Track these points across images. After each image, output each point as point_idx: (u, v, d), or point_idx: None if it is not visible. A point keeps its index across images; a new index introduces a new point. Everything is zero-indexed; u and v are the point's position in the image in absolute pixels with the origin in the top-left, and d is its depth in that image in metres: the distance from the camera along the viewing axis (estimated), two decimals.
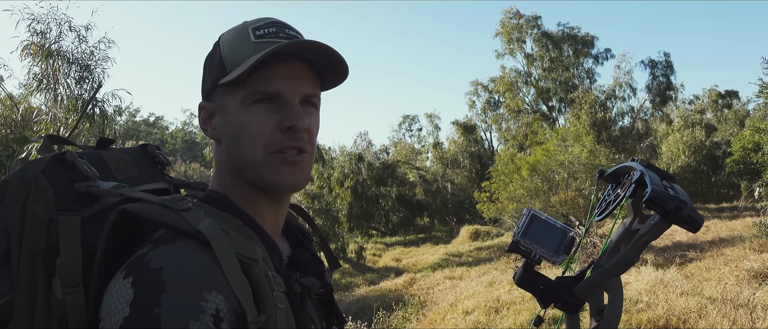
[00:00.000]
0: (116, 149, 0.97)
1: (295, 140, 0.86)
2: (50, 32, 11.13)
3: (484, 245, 19.08)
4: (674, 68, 25.61)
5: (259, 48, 0.84)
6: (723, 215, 17.74)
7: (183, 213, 0.76)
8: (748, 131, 17.62)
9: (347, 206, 24.34)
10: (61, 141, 1.04)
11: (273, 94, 0.84)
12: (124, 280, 0.70)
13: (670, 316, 7.03)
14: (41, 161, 0.84)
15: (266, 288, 0.74)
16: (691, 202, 0.98)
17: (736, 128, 27.33)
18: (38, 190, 0.80)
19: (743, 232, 12.95)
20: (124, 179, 0.92)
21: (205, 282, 0.70)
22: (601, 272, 1.03)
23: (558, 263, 1.07)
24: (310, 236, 1.03)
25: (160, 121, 65.92)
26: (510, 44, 28.31)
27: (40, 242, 0.78)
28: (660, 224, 0.98)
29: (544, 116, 28.20)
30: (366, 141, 29.93)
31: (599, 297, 1.04)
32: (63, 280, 0.76)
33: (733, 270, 9.36)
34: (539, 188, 16.29)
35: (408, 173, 29.06)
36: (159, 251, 0.73)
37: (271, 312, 0.73)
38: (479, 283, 10.86)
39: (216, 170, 0.92)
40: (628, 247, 1.01)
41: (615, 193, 1.12)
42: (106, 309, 0.70)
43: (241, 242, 0.76)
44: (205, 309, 0.67)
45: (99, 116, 11.48)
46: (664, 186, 1.00)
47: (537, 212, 1.10)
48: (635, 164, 1.08)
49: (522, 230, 1.09)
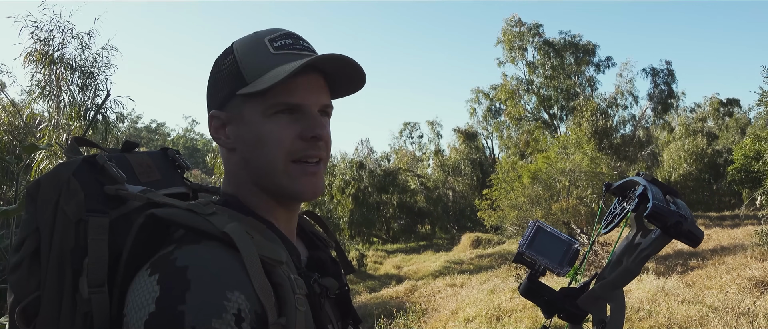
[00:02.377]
0: (140, 153, 0.99)
1: (315, 149, 0.88)
2: (53, 39, 11.17)
3: (485, 252, 19.03)
4: (676, 76, 25.66)
5: (279, 60, 0.86)
6: (724, 223, 17.68)
7: (209, 217, 0.78)
8: (749, 140, 17.61)
9: (348, 213, 24.32)
10: (88, 143, 1.06)
11: (294, 105, 0.86)
12: (150, 277, 0.72)
13: (671, 324, 7.01)
14: (72, 163, 0.86)
15: (288, 291, 0.75)
16: (693, 217, 1.00)
17: (738, 137, 27.30)
18: (70, 191, 0.83)
19: (745, 240, 12.91)
20: (147, 182, 0.94)
21: (229, 281, 0.72)
22: (604, 284, 1.05)
23: (562, 274, 1.09)
24: (325, 241, 1.04)
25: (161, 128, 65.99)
26: (511, 52, 28.35)
27: (69, 242, 0.80)
28: (661, 239, 1.00)
29: (546, 124, 28.21)
30: (367, 148, 29.92)
31: (602, 309, 1.06)
32: (89, 279, 0.78)
33: (734, 278, 9.34)
34: (540, 195, 16.29)
35: (409, 180, 29.03)
36: (184, 250, 0.75)
37: (291, 315, 0.74)
38: (480, 291, 10.83)
39: (227, 178, 0.93)
40: (630, 260, 1.03)
41: (621, 206, 1.14)
42: (132, 305, 0.72)
43: (265, 244, 0.78)
44: (227, 309, 0.69)
45: (102, 123, 11.51)
46: (667, 201, 1.02)
47: (542, 224, 1.11)
48: (639, 179, 1.10)
49: (527, 242, 1.10)
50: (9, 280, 0.84)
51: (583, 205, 15.30)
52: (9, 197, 10.47)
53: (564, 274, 1.09)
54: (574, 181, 16.48)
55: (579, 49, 27.11)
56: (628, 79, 25.80)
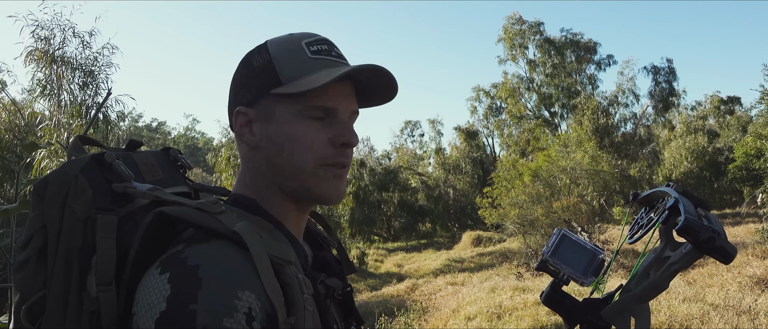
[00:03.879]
0: (144, 152, 0.99)
1: (344, 156, 0.89)
2: (54, 38, 11.18)
3: (486, 250, 19.04)
4: (677, 74, 25.64)
5: (317, 65, 0.87)
6: (726, 221, 17.69)
7: (218, 216, 0.78)
8: (750, 138, 17.61)
9: (349, 211, 24.32)
10: (92, 142, 1.05)
11: (329, 109, 0.87)
12: (160, 275, 0.72)
13: (672, 322, 7.02)
14: (80, 160, 0.86)
15: (297, 291, 0.75)
16: (725, 232, 0.97)
17: (739, 134, 27.27)
18: (78, 189, 0.82)
19: (746, 238, 12.92)
20: (152, 181, 0.94)
21: (240, 281, 0.71)
22: (629, 297, 1.02)
23: (586, 284, 1.06)
24: (327, 241, 1.04)
25: (162, 126, 66.07)
26: (512, 50, 28.35)
27: (77, 240, 0.80)
28: (691, 254, 0.97)
29: (547, 122, 28.19)
30: (368, 147, 29.88)
31: (626, 321, 1.02)
32: (97, 278, 0.77)
33: (735, 276, 9.34)
34: (541, 193, 16.26)
35: (410, 178, 29.02)
36: (195, 249, 0.74)
37: (300, 314, 0.74)
38: (481, 289, 10.84)
39: (245, 175, 0.92)
40: (658, 274, 1.00)
41: (647, 217, 1.10)
42: (142, 303, 0.71)
43: (274, 244, 0.78)
44: (238, 308, 0.69)
45: (102, 122, 11.52)
46: (699, 215, 0.99)
47: (567, 232, 1.09)
48: (670, 190, 1.07)
49: (551, 250, 1.08)
50: (14, 278, 0.83)
51: (584, 203, 15.29)
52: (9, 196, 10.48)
53: (588, 284, 1.06)
54: (575, 179, 16.47)
55: (580, 47, 27.11)
56: (629, 77, 25.82)
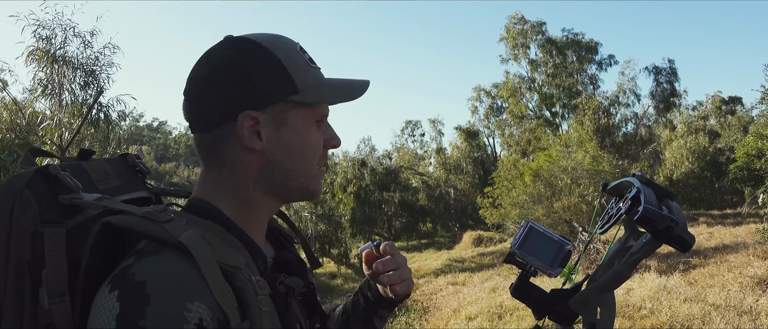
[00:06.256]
0: (97, 160, 0.99)
1: (327, 156, 0.99)
2: (55, 38, 11.18)
3: (487, 250, 19.04)
4: (678, 75, 25.64)
5: (317, 73, 0.93)
6: (726, 221, 17.67)
7: (165, 224, 0.77)
8: (751, 138, 17.56)
9: (350, 211, 24.35)
10: (42, 154, 1.06)
11: (326, 115, 0.96)
12: (109, 294, 0.72)
13: (673, 323, 7.01)
14: (25, 174, 0.86)
15: (251, 294, 0.76)
16: (685, 221, 0.98)
17: (740, 135, 27.25)
18: (23, 203, 0.82)
19: (747, 238, 12.91)
20: (105, 189, 0.94)
21: (188, 292, 0.72)
22: (594, 287, 1.04)
23: (553, 275, 1.08)
24: (291, 238, 1.05)
25: (163, 126, 66.11)
26: (514, 50, 28.33)
27: (26, 254, 0.80)
28: (651, 243, 0.99)
29: (548, 122, 28.16)
30: (369, 147, 29.98)
31: (593, 311, 1.04)
32: (49, 290, 0.78)
33: (736, 276, 9.33)
34: (542, 193, 16.25)
35: (411, 178, 29.04)
36: (143, 263, 0.75)
37: (255, 317, 0.75)
38: (482, 289, 10.85)
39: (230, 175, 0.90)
40: (621, 263, 1.02)
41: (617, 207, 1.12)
42: (93, 323, 0.72)
43: (223, 250, 0.78)
44: (188, 319, 0.69)
45: (103, 122, 11.53)
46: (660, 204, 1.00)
47: (535, 224, 1.10)
48: (634, 180, 1.08)
49: (518, 242, 1.10)
50: None
51: (585, 203, 15.26)
52: None
53: (556, 275, 1.08)
54: (575, 179, 16.44)
55: (581, 47, 27.09)
56: (631, 78, 25.82)
